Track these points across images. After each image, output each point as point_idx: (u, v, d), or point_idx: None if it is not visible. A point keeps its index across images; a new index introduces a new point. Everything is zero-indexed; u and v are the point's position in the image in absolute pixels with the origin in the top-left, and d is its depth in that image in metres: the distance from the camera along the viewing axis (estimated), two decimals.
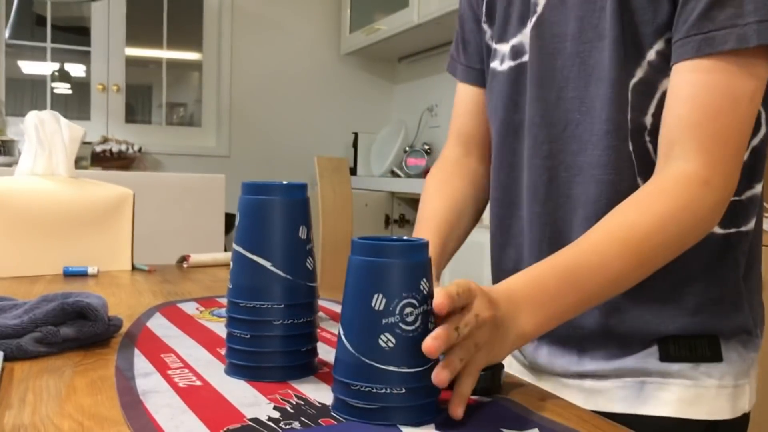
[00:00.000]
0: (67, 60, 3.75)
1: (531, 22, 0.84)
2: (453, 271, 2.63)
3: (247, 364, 0.66)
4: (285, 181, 0.66)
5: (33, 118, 1.37)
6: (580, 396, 0.82)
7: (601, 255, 0.68)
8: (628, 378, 0.80)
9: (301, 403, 0.59)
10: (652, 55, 0.76)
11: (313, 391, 0.63)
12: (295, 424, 0.54)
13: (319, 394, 0.62)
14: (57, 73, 3.72)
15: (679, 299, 0.78)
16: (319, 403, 0.59)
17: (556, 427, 0.57)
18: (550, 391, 0.69)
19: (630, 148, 0.77)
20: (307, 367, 0.68)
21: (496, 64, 0.91)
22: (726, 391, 0.79)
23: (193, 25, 3.90)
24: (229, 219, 2.10)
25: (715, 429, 0.79)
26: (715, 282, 0.79)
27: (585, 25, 0.79)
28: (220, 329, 0.85)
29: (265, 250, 0.65)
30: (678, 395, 0.78)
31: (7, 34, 3.58)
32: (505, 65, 0.89)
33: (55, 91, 3.73)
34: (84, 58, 3.75)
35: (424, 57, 3.81)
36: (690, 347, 0.79)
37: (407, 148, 3.68)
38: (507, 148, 0.90)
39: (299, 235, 0.66)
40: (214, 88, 3.92)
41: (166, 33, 3.88)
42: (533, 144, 0.84)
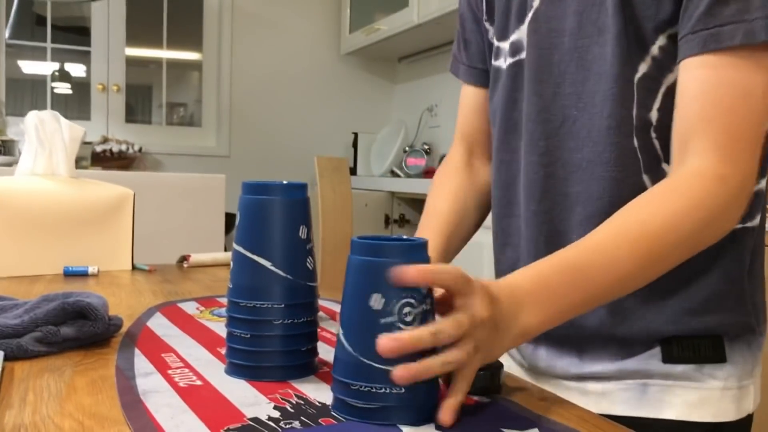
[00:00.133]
0: (67, 60, 3.75)
1: (528, 17, 0.83)
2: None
3: (247, 363, 0.66)
4: (285, 181, 0.66)
5: (33, 118, 1.37)
6: (582, 399, 0.81)
7: (609, 254, 0.66)
8: (630, 380, 0.79)
9: (302, 402, 0.59)
10: (655, 50, 0.75)
11: (313, 390, 0.63)
12: (295, 424, 0.54)
13: (320, 393, 0.62)
14: (57, 73, 3.72)
15: (682, 297, 0.77)
16: (319, 402, 0.59)
17: (556, 427, 0.57)
18: None
19: (635, 144, 0.76)
20: (307, 366, 0.68)
21: (499, 63, 0.90)
22: (731, 392, 0.78)
23: (193, 25, 3.90)
24: (229, 219, 2.11)
25: (721, 431, 0.77)
26: (719, 279, 0.77)
27: (584, 20, 0.78)
28: (221, 329, 0.85)
29: (266, 249, 0.65)
30: (682, 398, 0.77)
31: (7, 34, 3.58)
32: (506, 62, 0.88)
33: (55, 91, 3.73)
34: (84, 58, 3.76)
35: (424, 57, 3.81)
36: (693, 348, 0.77)
37: (407, 148, 3.68)
38: (506, 146, 0.89)
39: (299, 234, 0.66)
40: (214, 88, 3.92)
41: (166, 33, 3.88)
42: (529, 141, 0.83)
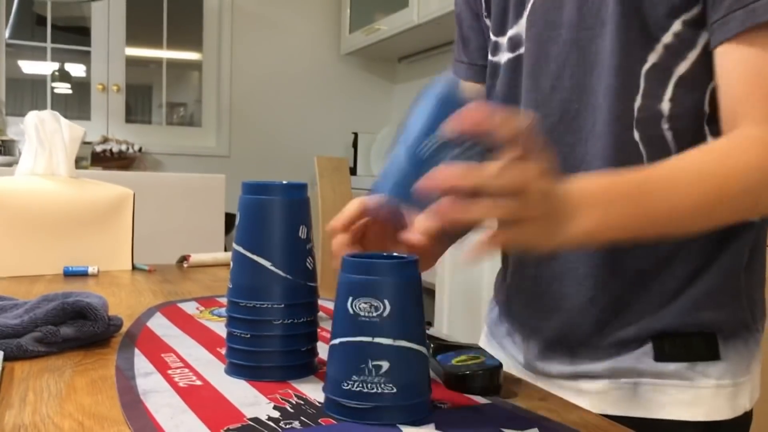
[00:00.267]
0: (67, 60, 3.75)
1: (526, 11, 0.82)
2: (453, 268, 2.63)
3: (247, 363, 0.66)
4: (285, 181, 0.66)
5: (33, 118, 1.37)
6: (578, 399, 0.80)
7: (676, 182, 0.64)
8: (623, 379, 0.79)
9: (301, 402, 0.59)
10: (668, 38, 0.73)
11: (312, 390, 0.63)
12: (295, 424, 0.54)
13: (319, 393, 0.62)
14: (57, 73, 3.73)
15: (676, 293, 0.76)
16: (319, 402, 0.59)
17: (556, 427, 0.57)
18: None
19: (635, 137, 0.75)
20: (307, 366, 0.68)
21: (498, 58, 0.89)
22: (725, 390, 0.77)
23: (193, 25, 3.90)
24: (229, 219, 2.10)
25: (716, 429, 0.77)
26: (714, 275, 0.77)
27: (584, 11, 0.77)
28: (220, 329, 0.85)
29: (265, 249, 0.65)
30: (674, 397, 0.77)
31: (7, 34, 3.58)
32: (505, 57, 0.87)
33: (55, 91, 3.73)
34: (84, 58, 3.76)
35: (424, 57, 3.81)
36: (686, 345, 0.77)
37: None
38: None
39: (299, 234, 0.66)
40: (214, 88, 3.92)
41: (166, 33, 3.88)
42: None
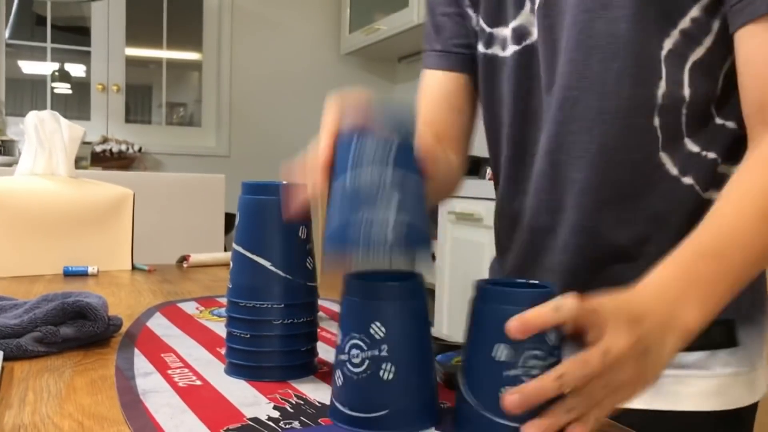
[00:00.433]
0: (67, 60, 3.75)
1: (536, 2, 0.80)
2: (453, 268, 2.61)
3: (246, 363, 0.66)
4: (285, 181, 0.66)
5: (33, 118, 1.37)
6: None
7: (744, 232, 0.63)
8: None
9: (301, 402, 0.59)
10: (686, 22, 0.71)
11: (312, 390, 0.63)
12: (295, 424, 0.54)
13: (319, 393, 0.62)
14: (57, 73, 3.72)
15: None
16: (318, 402, 0.59)
17: None
18: None
19: (656, 123, 0.73)
20: (307, 366, 0.68)
21: (495, 50, 0.86)
22: (744, 378, 0.77)
23: (193, 25, 3.90)
24: (229, 219, 2.10)
25: (737, 417, 0.76)
26: None
27: None
28: (220, 329, 0.85)
29: (265, 249, 0.65)
30: (697, 388, 0.76)
31: (7, 34, 3.58)
32: (509, 50, 0.84)
33: (55, 91, 3.73)
34: (84, 58, 3.75)
35: None
36: (706, 334, 0.76)
37: None
38: (522, 138, 0.84)
39: (299, 234, 0.66)
40: (214, 88, 3.92)
41: (166, 33, 3.88)
42: (546, 129, 0.80)
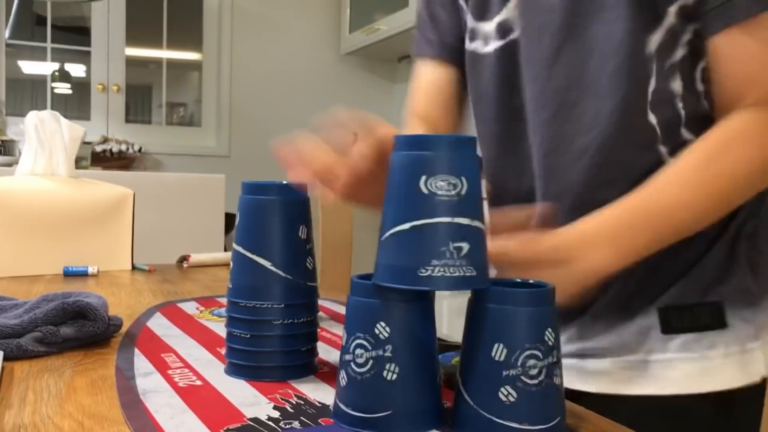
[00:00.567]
0: (67, 60, 3.75)
1: None
2: None
3: (247, 363, 0.66)
4: (285, 181, 0.66)
5: (33, 118, 1.37)
6: (580, 378, 0.80)
7: (677, 195, 0.68)
8: (630, 356, 0.78)
9: (301, 402, 0.59)
10: (671, 17, 0.72)
11: (312, 390, 0.63)
12: (295, 424, 0.54)
13: (319, 393, 0.62)
14: (57, 73, 3.72)
15: (679, 265, 0.76)
16: (319, 402, 0.59)
17: None
18: None
19: (653, 120, 0.74)
20: (307, 366, 0.68)
21: (477, 45, 0.86)
22: (734, 359, 0.76)
23: (193, 25, 3.90)
24: (229, 219, 2.11)
25: (730, 399, 0.76)
26: (715, 237, 0.76)
27: None
28: (220, 329, 0.85)
29: (265, 249, 0.65)
30: (683, 371, 0.76)
31: (7, 34, 3.58)
32: (492, 46, 0.84)
33: (55, 91, 3.73)
34: (84, 58, 3.75)
35: None
36: (693, 317, 0.77)
37: None
38: (508, 134, 0.85)
39: (299, 234, 0.66)
40: (214, 88, 3.92)
41: (166, 33, 3.88)
42: (533, 128, 0.81)
